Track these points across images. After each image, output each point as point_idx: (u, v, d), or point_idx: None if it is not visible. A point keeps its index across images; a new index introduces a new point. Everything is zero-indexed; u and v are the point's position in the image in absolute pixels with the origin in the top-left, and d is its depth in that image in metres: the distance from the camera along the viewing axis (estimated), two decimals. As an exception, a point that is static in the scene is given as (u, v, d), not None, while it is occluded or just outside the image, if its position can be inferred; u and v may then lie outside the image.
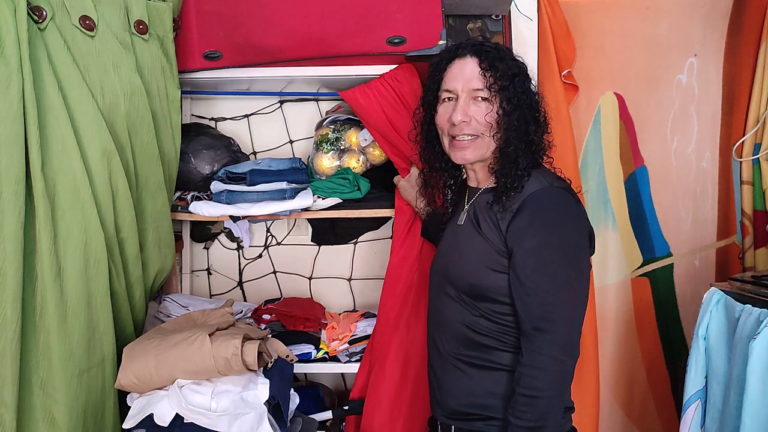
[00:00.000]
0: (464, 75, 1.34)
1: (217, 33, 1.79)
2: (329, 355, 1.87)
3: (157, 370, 1.41)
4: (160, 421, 1.37)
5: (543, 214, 1.26)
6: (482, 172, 1.41)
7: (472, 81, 1.34)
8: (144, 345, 1.48)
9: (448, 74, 1.37)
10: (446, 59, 1.39)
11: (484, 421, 1.31)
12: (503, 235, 1.27)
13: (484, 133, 1.34)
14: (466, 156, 1.36)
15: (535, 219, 1.25)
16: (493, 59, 1.33)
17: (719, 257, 2.21)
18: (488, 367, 1.31)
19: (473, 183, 1.45)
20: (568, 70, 2.07)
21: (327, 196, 1.86)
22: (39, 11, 1.32)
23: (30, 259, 1.32)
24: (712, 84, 2.17)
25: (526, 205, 1.26)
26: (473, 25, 2.12)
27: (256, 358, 1.43)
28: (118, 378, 1.43)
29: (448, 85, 1.37)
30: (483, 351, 1.31)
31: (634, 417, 2.24)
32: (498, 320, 1.29)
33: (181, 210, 1.86)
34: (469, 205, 1.42)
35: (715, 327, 1.62)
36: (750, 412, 1.43)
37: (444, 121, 1.38)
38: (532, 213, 1.25)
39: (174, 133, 1.72)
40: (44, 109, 1.31)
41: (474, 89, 1.34)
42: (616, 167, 2.20)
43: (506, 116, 1.32)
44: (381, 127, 1.77)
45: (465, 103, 1.34)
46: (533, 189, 1.28)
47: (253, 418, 1.37)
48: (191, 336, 1.45)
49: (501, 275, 1.27)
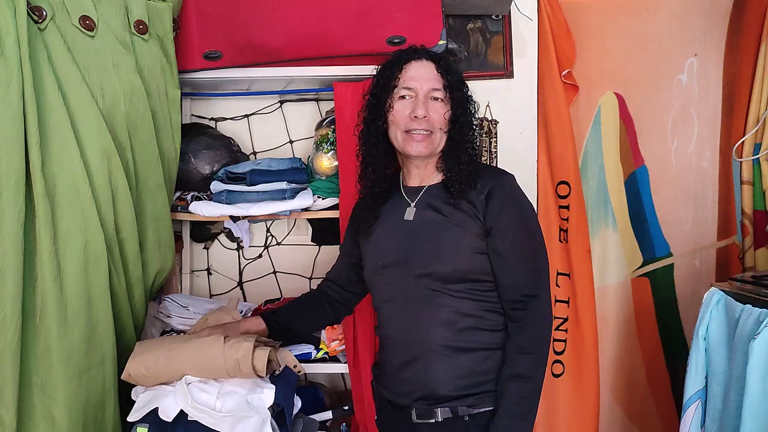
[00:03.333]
0: (423, 75, 1.46)
1: (217, 33, 1.79)
2: (329, 355, 1.87)
3: (168, 362, 1.42)
4: (164, 416, 1.37)
5: (510, 196, 1.44)
6: (428, 168, 1.50)
7: (431, 81, 1.45)
8: (156, 340, 1.52)
9: (405, 74, 1.46)
10: (404, 60, 1.48)
11: (474, 396, 1.38)
12: (480, 219, 1.40)
13: (438, 130, 1.45)
14: (421, 149, 1.45)
15: (506, 201, 1.42)
16: (447, 65, 1.48)
17: (719, 257, 2.21)
18: (472, 349, 1.39)
19: (416, 181, 1.52)
20: (568, 70, 2.08)
21: (327, 196, 1.86)
22: (39, 11, 1.32)
23: (30, 259, 1.32)
24: (712, 84, 2.17)
25: (495, 191, 1.42)
26: (473, 25, 2.12)
27: (265, 364, 1.44)
28: (128, 368, 1.43)
29: (407, 83, 1.46)
30: (467, 333, 1.39)
31: (634, 417, 2.24)
32: (480, 298, 1.40)
33: (181, 210, 1.86)
34: (417, 200, 1.48)
35: (715, 327, 1.62)
36: (750, 412, 1.43)
37: (402, 116, 1.45)
38: (502, 196, 1.42)
39: (174, 133, 1.72)
40: (44, 109, 1.31)
41: (433, 89, 1.45)
42: (616, 167, 2.21)
43: (456, 117, 1.45)
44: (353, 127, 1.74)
45: (424, 101, 1.45)
46: (494, 177, 1.45)
47: (256, 421, 1.37)
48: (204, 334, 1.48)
49: (481, 255, 1.40)
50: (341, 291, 1.68)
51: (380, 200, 1.54)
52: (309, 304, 1.69)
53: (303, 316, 1.68)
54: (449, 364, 1.38)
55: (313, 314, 1.68)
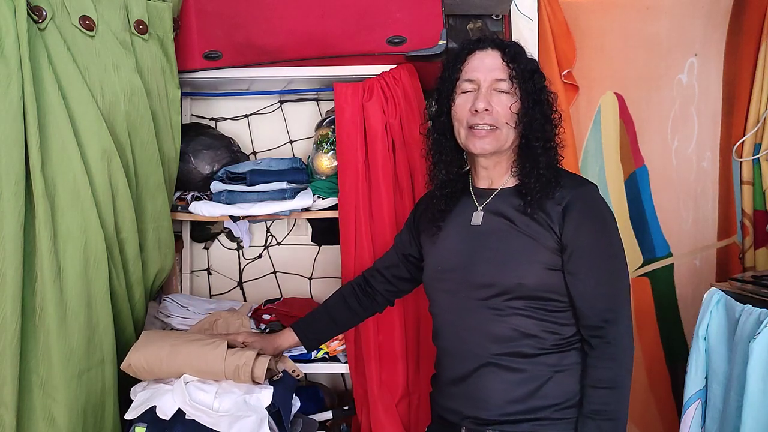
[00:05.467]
0: (486, 65, 1.33)
1: (217, 33, 1.79)
2: (329, 355, 1.87)
3: (169, 359, 1.43)
4: (162, 414, 1.38)
5: (593, 211, 1.30)
6: (497, 169, 1.38)
7: (495, 71, 1.33)
8: (163, 334, 1.52)
9: (468, 65, 1.35)
10: (467, 50, 1.37)
11: (532, 423, 1.27)
12: (556, 233, 1.28)
13: (504, 125, 1.32)
14: (485, 146, 1.33)
15: (586, 215, 1.28)
16: (514, 53, 1.34)
17: (719, 257, 2.20)
18: (530, 371, 1.28)
19: (485, 183, 1.41)
20: (568, 70, 2.07)
21: (327, 196, 1.86)
22: (39, 11, 1.32)
23: (30, 259, 1.32)
24: (712, 84, 2.17)
25: (575, 203, 1.28)
26: (473, 25, 2.12)
27: (264, 372, 1.44)
28: (129, 357, 1.43)
29: (469, 75, 1.34)
30: (526, 354, 1.28)
31: (634, 417, 2.23)
32: (546, 318, 1.28)
33: (181, 210, 1.85)
34: (486, 204, 1.38)
35: (715, 327, 1.62)
36: (750, 412, 1.43)
37: (464, 111, 1.34)
38: (583, 209, 1.28)
39: (174, 133, 1.72)
40: (44, 109, 1.31)
41: (497, 79, 1.32)
42: (616, 167, 2.20)
43: (527, 110, 1.31)
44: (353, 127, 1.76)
45: (487, 93, 1.32)
46: (575, 187, 1.32)
47: (253, 421, 1.37)
48: (210, 339, 1.48)
49: (553, 272, 1.28)
50: (386, 284, 1.60)
51: (450, 201, 1.42)
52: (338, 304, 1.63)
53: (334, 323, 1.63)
54: (503, 385, 1.28)
55: (345, 317, 1.62)
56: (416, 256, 1.55)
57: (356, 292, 1.62)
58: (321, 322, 1.63)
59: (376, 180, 1.77)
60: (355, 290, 1.62)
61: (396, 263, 1.59)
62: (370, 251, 1.77)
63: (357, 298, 1.61)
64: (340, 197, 1.82)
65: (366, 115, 1.75)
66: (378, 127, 1.74)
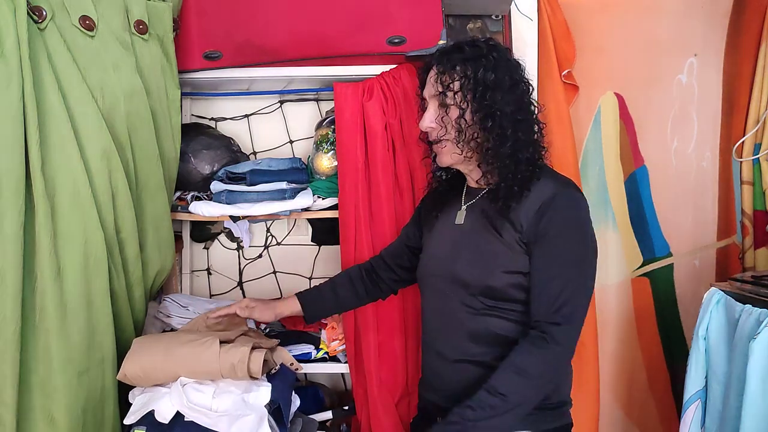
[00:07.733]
0: (431, 81, 1.35)
1: (217, 33, 1.79)
2: (329, 355, 1.87)
3: (164, 364, 1.43)
4: (161, 418, 1.37)
5: (567, 213, 1.28)
6: (475, 172, 1.39)
7: (432, 87, 1.35)
8: (155, 338, 1.51)
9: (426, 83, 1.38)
10: (427, 65, 1.39)
11: None
12: (523, 236, 1.27)
13: (450, 138, 1.33)
14: (443, 159, 1.37)
15: (559, 219, 1.26)
16: (456, 62, 1.31)
17: (719, 257, 2.20)
18: None
19: (473, 183, 1.43)
20: (568, 70, 2.07)
21: (327, 196, 1.86)
22: (39, 11, 1.32)
23: (30, 259, 1.32)
24: (712, 84, 2.17)
25: (550, 205, 1.27)
26: (473, 25, 2.12)
27: (261, 367, 1.44)
28: (124, 368, 1.43)
29: (423, 93, 1.39)
30: (498, 350, 1.29)
31: (634, 417, 2.23)
32: (513, 318, 1.30)
33: (181, 210, 1.86)
34: (469, 205, 1.40)
35: (715, 327, 1.62)
36: (750, 412, 1.43)
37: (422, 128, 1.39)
38: (553, 216, 1.26)
39: (174, 133, 1.72)
40: (44, 109, 1.32)
41: (436, 94, 1.34)
42: (616, 167, 2.20)
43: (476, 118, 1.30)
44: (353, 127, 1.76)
45: (432, 110, 1.35)
46: (549, 191, 1.29)
47: (253, 420, 1.37)
48: (202, 337, 1.48)
49: (520, 276, 1.28)
50: (389, 272, 1.63)
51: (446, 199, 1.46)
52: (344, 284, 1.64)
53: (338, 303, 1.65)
54: (480, 381, 1.26)
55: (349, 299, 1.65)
56: (419, 248, 1.56)
57: (363, 276, 1.65)
58: (327, 300, 1.65)
59: (376, 180, 1.77)
60: (362, 275, 1.65)
61: (400, 253, 1.62)
62: (370, 251, 1.78)
63: (363, 282, 1.64)
64: (340, 197, 1.82)
65: (366, 115, 1.76)
66: (378, 127, 1.75)
